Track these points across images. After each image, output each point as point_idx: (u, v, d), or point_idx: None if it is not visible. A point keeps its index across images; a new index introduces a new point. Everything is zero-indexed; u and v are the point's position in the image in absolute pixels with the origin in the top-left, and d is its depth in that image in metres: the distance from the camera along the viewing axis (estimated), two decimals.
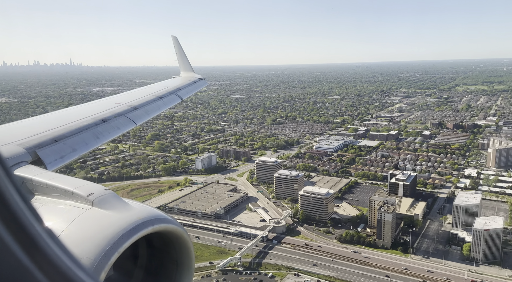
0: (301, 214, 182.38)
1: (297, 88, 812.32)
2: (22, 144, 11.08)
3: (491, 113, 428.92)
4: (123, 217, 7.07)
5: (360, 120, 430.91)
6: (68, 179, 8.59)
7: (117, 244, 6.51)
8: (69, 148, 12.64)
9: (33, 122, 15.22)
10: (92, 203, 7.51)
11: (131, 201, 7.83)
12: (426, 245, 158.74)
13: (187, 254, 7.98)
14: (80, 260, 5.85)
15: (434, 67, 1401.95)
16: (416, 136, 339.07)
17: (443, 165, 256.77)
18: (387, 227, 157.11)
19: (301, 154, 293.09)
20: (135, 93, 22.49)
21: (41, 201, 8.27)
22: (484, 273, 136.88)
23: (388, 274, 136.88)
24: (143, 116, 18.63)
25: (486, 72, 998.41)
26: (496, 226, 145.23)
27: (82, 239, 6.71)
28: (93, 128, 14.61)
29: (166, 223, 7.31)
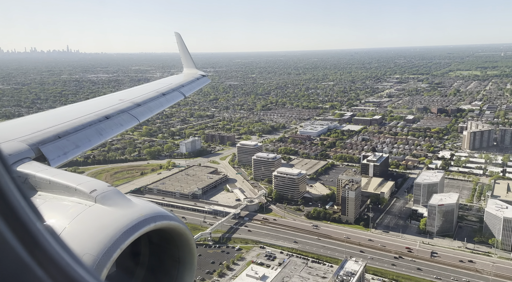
0: (274, 193, 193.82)
1: (292, 74, 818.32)
2: (26, 140, 11.10)
3: (478, 98, 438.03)
4: (125, 213, 7.11)
5: (349, 105, 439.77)
6: (71, 175, 8.65)
7: (119, 240, 6.55)
8: (72, 144, 12.72)
9: (37, 118, 15.23)
10: (95, 200, 7.56)
11: (133, 197, 7.94)
12: (388, 221, 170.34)
13: (189, 251, 8.03)
14: (82, 256, 6.25)
15: (432, 53, 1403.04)
16: (400, 120, 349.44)
17: (419, 147, 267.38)
18: (350, 203, 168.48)
19: (284, 138, 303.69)
20: (138, 90, 22.53)
21: (44, 197, 8.27)
22: (436, 245, 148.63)
23: (346, 245, 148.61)
24: (146, 113, 18.68)
25: (483, 58, 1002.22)
26: (450, 201, 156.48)
27: (84, 236, 6.75)
28: (96, 125, 14.69)
29: (168, 220, 7.34)
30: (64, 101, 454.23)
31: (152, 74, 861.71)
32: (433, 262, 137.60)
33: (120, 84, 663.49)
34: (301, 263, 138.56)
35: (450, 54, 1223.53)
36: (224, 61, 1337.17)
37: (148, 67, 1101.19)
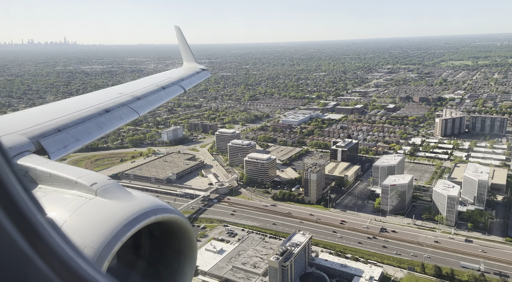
0: (245, 177, 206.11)
1: (286, 65, 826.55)
2: (26, 133, 11.18)
3: (462, 88, 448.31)
4: (126, 206, 7.22)
5: (335, 95, 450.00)
6: (72, 169, 8.72)
7: (120, 233, 6.65)
8: (73, 137, 12.86)
9: (37, 112, 15.28)
10: (95, 193, 7.67)
11: (134, 191, 8.06)
12: (348, 201, 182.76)
13: (189, 244, 8.19)
14: (83, 249, 6.34)
15: (430, 43, 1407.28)
16: (380, 109, 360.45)
17: (393, 134, 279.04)
18: (312, 185, 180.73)
19: (266, 127, 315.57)
20: (138, 84, 22.70)
21: (44, 190, 8.38)
22: (387, 222, 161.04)
23: (303, 222, 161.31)
24: (146, 106, 18.81)
25: (478, 48, 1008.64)
26: (403, 182, 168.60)
27: (85, 228, 6.85)
28: (96, 119, 14.74)
29: (168, 213, 7.46)
30: (55, 92, 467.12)
31: (146, 66, 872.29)
32: (381, 237, 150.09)
33: (113, 75, 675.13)
34: (258, 238, 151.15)
35: (447, 44, 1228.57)
36: (221, 53, 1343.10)
37: (144, 58, 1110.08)
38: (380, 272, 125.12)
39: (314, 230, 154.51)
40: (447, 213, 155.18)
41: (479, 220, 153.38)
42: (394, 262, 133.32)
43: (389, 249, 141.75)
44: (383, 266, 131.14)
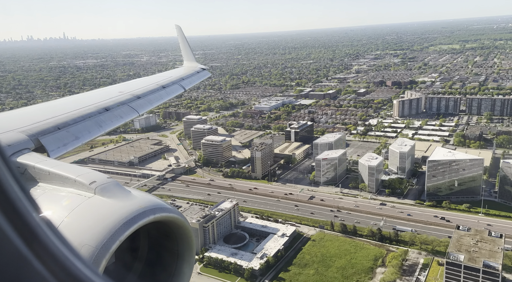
0: (202, 158, 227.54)
1: (278, 54, 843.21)
2: (25, 131, 11.27)
3: (440, 71, 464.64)
4: (125, 205, 7.27)
5: (315, 82, 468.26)
6: (71, 167, 8.82)
7: (118, 232, 6.70)
8: (72, 135, 12.93)
9: (36, 109, 15.54)
10: (94, 191, 7.72)
11: (133, 189, 8.15)
12: (291, 176, 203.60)
13: (188, 244, 8.22)
14: (81, 247, 6.43)
15: (428, 27, 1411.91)
16: (352, 94, 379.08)
17: (353, 117, 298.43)
18: (257, 162, 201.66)
19: (237, 113, 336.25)
20: (138, 83, 23.11)
21: (43, 188, 8.43)
22: (318, 191, 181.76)
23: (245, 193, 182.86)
24: (146, 105, 19.08)
25: (472, 31, 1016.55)
26: (334, 156, 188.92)
27: (84, 227, 6.92)
28: (96, 117, 14.96)
29: (167, 212, 7.50)
30: (43, 87, 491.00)
31: (139, 59, 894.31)
32: (308, 203, 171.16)
33: (104, 69, 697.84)
34: (198, 209, 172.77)
35: (444, 29, 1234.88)
36: (218, 43, 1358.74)
37: (139, 52, 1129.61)
38: (293, 230, 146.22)
39: (252, 200, 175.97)
40: (369, 181, 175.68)
41: (397, 187, 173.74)
42: (310, 223, 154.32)
43: (313, 214, 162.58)
44: (300, 226, 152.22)
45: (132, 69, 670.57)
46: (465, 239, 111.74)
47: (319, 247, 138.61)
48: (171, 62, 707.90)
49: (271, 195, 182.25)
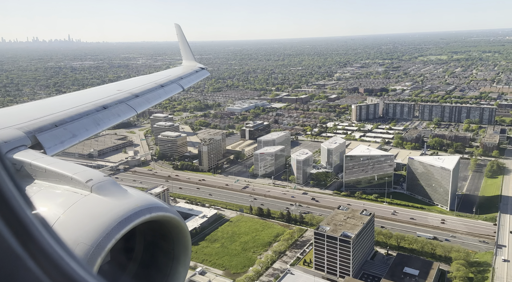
0: (157, 152, 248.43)
1: (271, 60, 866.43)
2: (22, 128, 11.31)
3: (416, 80, 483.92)
4: (121, 203, 7.31)
5: (294, 87, 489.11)
6: (67, 164, 8.81)
7: (114, 230, 6.71)
8: (69, 133, 13.01)
9: (33, 106, 15.49)
10: (90, 189, 7.74)
11: (130, 188, 8.15)
12: (236, 169, 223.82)
13: (183, 244, 8.26)
14: (76, 245, 6.46)
15: (426, 38, 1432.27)
16: (323, 99, 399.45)
17: (314, 119, 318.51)
18: (204, 156, 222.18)
19: (208, 114, 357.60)
20: (136, 81, 23.25)
21: (39, 185, 8.47)
22: (254, 182, 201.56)
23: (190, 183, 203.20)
24: (144, 104, 19.18)
25: (468, 43, 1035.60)
26: (270, 151, 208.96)
27: (79, 225, 6.92)
28: (93, 115, 15.01)
29: (164, 212, 7.53)
30: (33, 86, 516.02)
31: (134, 62, 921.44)
32: (240, 192, 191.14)
33: (98, 70, 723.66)
34: None
35: (442, 40, 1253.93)
36: (217, 49, 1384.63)
37: (138, 55, 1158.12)
38: (215, 213, 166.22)
39: (189, 189, 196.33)
40: (297, 174, 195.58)
41: (322, 179, 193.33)
42: (234, 207, 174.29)
43: (240, 200, 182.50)
44: (224, 210, 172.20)
45: (124, 71, 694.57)
46: (338, 216, 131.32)
47: (233, 226, 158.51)
48: (165, 65, 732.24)
49: (210, 184, 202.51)
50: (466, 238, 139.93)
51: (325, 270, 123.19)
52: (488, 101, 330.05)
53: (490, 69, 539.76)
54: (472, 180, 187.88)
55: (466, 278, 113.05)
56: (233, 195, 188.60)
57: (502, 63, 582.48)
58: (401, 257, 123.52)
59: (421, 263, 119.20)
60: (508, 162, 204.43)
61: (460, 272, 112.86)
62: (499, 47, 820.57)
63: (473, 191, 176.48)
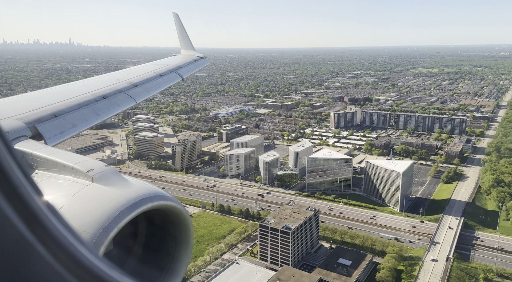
0: (134, 152, 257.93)
1: (266, 68, 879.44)
2: (22, 118, 11.42)
3: (402, 91, 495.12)
4: (122, 193, 7.37)
5: (283, 94, 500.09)
6: (68, 154, 8.91)
7: (116, 219, 6.80)
8: (69, 123, 13.06)
9: (33, 96, 15.60)
10: (92, 179, 7.82)
11: (131, 177, 8.22)
12: (208, 169, 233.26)
13: (185, 231, 8.38)
14: (80, 234, 6.26)
15: (424, 51, 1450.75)
16: (307, 107, 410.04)
17: (295, 126, 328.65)
18: (177, 156, 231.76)
19: (192, 117, 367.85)
20: (135, 71, 23.28)
21: (41, 175, 8.58)
22: (223, 182, 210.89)
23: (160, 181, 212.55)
24: (143, 93, 19.28)
25: (462, 57, 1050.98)
26: (240, 152, 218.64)
27: (82, 214, 6.99)
28: (93, 105, 15.05)
29: (165, 200, 7.62)
30: (26, 86, 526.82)
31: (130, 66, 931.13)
32: (208, 190, 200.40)
33: (93, 73, 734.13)
34: None
35: (438, 53, 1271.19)
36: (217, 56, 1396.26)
37: (136, 59, 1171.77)
38: None
39: (159, 185, 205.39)
40: (264, 175, 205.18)
41: (287, 180, 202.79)
42: (197, 204, 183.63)
43: (206, 198, 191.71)
44: (188, 207, 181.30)
45: None
46: (285, 211, 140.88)
47: (193, 221, 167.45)
48: None
49: (178, 182, 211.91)
50: (408, 236, 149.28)
51: (269, 260, 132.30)
52: (465, 113, 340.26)
53: (476, 83, 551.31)
54: (428, 185, 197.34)
55: (394, 269, 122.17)
56: (199, 193, 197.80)
57: (489, 78, 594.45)
58: (339, 250, 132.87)
59: (356, 255, 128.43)
60: (467, 169, 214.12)
61: (389, 264, 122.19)
62: (490, 62, 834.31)
63: (426, 194, 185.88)
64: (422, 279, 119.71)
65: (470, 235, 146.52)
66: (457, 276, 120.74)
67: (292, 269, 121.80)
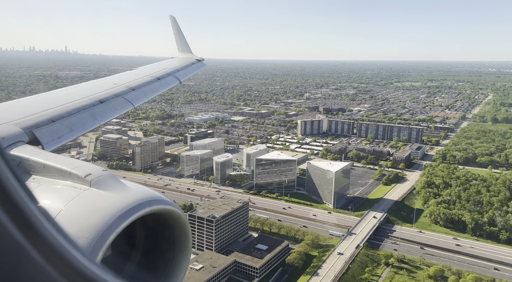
0: (98, 153, 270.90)
1: (255, 79, 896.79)
2: (19, 124, 11.44)
3: (377, 103, 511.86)
4: (120, 197, 7.40)
5: (263, 103, 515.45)
6: (66, 159, 8.95)
7: (114, 224, 6.83)
8: (67, 128, 13.12)
9: (30, 101, 15.73)
10: (89, 184, 7.83)
11: (128, 182, 8.27)
12: (167, 170, 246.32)
13: (184, 235, 8.41)
14: (77, 239, 6.50)
15: (414, 66, 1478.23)
16: (282, 115, 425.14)
17: (264, 132, 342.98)
18: (137, 157, 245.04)
19: (165, 123, 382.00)
20: (132, 74, 23.41)
21: (38, 180, 8.59)
22: (177, 181, 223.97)
23: None
24: (141, 97, 19.41)
25: (449, 72, 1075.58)
26: (196, 154, 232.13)
27: (79, 219, 7.04)
28: (90, 109, 15.14)
29: (163, 205, 7.66)
30: (11, 90, 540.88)
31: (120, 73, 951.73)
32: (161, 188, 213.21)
33: (81, 80, 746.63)
34: None
35: (427, 68, 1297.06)
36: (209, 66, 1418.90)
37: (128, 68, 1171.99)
38: None
39: None
40: (216, 174, 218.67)
41: (238, 180, 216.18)
42: None
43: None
44: None
45: None
46: (216, 203, 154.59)
47: None
48: None
49: (133, 181, 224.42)
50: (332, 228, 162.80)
51: (196, 246, 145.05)
52: (428, 124, 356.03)
53: (453, 97, 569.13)
54: (369, 186, 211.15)
55: (305, 254, 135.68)
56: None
57: (466, 92, 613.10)
58: (261, 237, 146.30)
59: (274, 242, 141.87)
60: (410, 173, 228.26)
61: (300, 249, 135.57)
62: (474, 78, 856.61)
63: (363, 194, 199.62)
64: (329, 263, 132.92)
65: (388, 228, 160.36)
66: (360, 261, 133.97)
67: (212, 253, 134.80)
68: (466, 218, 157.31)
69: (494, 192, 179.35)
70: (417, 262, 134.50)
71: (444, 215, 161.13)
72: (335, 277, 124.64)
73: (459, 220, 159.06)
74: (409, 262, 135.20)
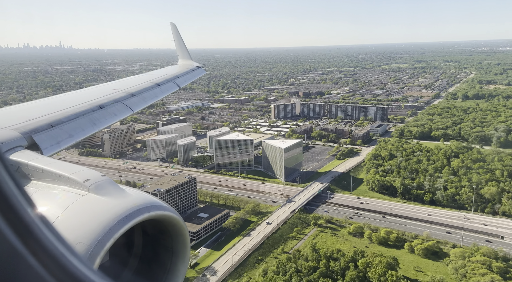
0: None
1: (245, 67, 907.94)
2: (18, 129, 11.55)
3: (357, 86, 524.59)
4: (119, 203, 7.49)
5: (246, 90, 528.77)
6: (64, 165, 9.00)
7: (112, 230, 6.90)
8: (66, 133, 13.29)
9: (29, 107, 15.94)
10: (88, 189, 7.92)
11: (127, 187, 8.34)
12: (136, 155, 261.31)
13: (182, 241, 8.48)
14: (75, 245, 6.57)
15: (408, 48, 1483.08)
16: (262, 101, 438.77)
17: (239, 117, 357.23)
18: (106, 142, 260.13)
19: (144, 111, 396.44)
20: (132, 80, 23.79)
21: (37, 185, 8.66)
22: (143, 164, 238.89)
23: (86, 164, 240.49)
24: (140, 103, 19.67)
25: (441, 53, 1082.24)
26: (162, 138, 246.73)
27: (77, 225, 7.11)
28: (89, 114, 15.34)
29: (162, 210, 7.74)
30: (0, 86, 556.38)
31: (112, 67, 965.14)
32: (127, 172, 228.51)
33: (71, 74, 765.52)
34: None
35: (421, 50, 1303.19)
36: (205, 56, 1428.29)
37: (121, 61, 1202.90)
38: None
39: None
40: (179, 156, 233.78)
41: (201, 161, 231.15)
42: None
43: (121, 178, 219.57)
44: None
45: (99, 76, 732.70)
46: (165, 178, 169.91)
47: None
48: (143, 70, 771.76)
49: (99, 165, 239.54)
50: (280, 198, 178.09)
51: None
52: (400, 103, 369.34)
53: (435, 77, 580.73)
54: (324, 162, 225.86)
55: (242, 219, 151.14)
56: (114, 174, 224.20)
57: (451, 72, 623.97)
58: (206, 208, 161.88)
59: (216, 211, 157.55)
60: (367, 149, 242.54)
61: (238, 215, 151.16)
62: (463, 57, 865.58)
63: (315, 168, 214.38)
64: (263, 226, 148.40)
65: (326, 196, 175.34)
66: (291, 223, 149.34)
67: None
68: (396, 183, 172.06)
69: (433, 161, 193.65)
70: (343, 223, 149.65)
71: (378, 182, 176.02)
72: (264, 236, 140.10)
73: (391, 185, 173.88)
74: (336, 223, 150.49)
